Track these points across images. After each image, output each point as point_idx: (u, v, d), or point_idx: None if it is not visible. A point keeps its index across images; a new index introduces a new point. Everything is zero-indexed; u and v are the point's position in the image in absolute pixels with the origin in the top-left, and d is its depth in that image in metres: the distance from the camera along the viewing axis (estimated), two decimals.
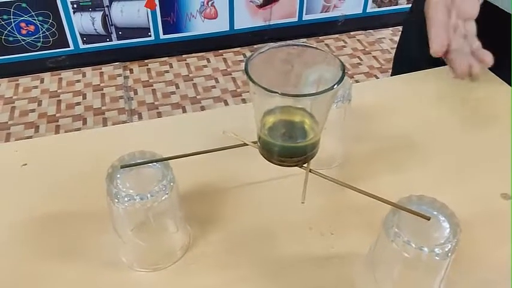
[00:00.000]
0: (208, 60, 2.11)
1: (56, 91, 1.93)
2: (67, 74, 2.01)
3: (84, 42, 2.00)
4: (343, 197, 0.51)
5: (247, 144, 0.42)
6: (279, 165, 0.40)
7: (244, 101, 1.88)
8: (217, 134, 0.50)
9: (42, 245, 0.47)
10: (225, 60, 2.11)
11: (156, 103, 1.87)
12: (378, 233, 0.39)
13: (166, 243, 0.45)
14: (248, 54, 2.11)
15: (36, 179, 0.54)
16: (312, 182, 0.43)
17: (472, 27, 0.56)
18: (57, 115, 1.81)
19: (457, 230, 0.36)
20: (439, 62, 0.64)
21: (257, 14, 2.13)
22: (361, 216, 0.49)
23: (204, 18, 2.07)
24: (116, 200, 0.39)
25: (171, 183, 0.40)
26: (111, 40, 2.02)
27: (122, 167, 0.40)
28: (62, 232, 0.48)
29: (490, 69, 0.63)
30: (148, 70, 2.05)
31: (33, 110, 1.83)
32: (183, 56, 2.12)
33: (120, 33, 2.02)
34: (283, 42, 0.37)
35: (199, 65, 2.09)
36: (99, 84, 1.97)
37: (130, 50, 2.06)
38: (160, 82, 1.99)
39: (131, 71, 2.05)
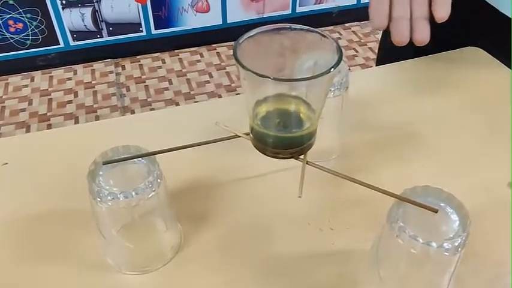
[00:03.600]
0: (201, 55, 2.08)
1: (47, 89, 1.89)
2: (58, 72, 1.98)
3: (74, 39, 1.96)
4: (342, 190, 0.48)
5: (240, 136, 0.39)
6: (274, 157, 0.38)
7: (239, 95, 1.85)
8: (208, 126, 0.47)
9: (24, 247, 0.44)
10: (218, 54, 2.08)
11: (149, 99, 1.84)
12: (381, 227, 0.37)
13: (156, 244, 0.42)
14: None
15: (17, 178, 0.51)
16: (310, 175, 0.40)
17: None
18: (49, 114, 1.78)
19: (466, 223, 0.34)
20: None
21: (250, 6, 2.09)
22: (362, 211, 0.47)
23: (196, 12, 2.04)
24: (99, 199, 0.36)
25: (158, 180, 0.38)
26: (102, 36, 1.99)
27: (104, 163, 0.37)
28: (45, 233, 0.45)
29: None
30: (141, 66, 2.01)
31: (23, 110, 1.80)
32: (176, 51, 2.09)
33: (111, 29, 1.98)
34: (274, 25, 0.35)
35: (192, 60, 2.05)
36: (90, 82, 1.93)
37: (121, 46, 2.03)
38: (153, 78, 1.95)
39: (123, 67, 2.01)
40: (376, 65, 0.87)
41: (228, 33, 2.11)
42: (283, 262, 0.43)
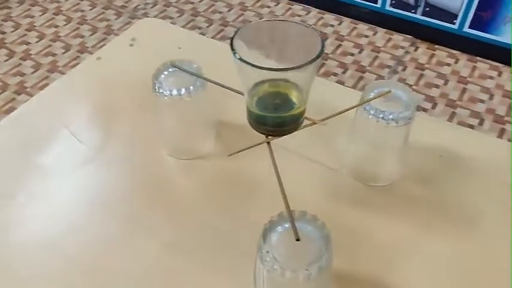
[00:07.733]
0: (499, 74, 1.89)
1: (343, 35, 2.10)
2: (362, 27, 2.14)
3: (391, 5, 2.07)
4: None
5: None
6: (255, 130, 0.45)
7: None
8: None
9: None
10: None
11: (414, 87, 1.84)
12: None
13: (194, 140, 0.59)
14: None
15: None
16: None
17: None
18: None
19: (323, 250, 0.36)
20: None
21: None
22: None
23: None
24: (158, 93, 0.53)
25: (201, 88, 0.53)
26: (415, 12, 2.03)
27: (172, 64, 0.53)
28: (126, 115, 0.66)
29: None
30: (432, 55, 1.98)
31: None
32: (477, 57, 1.95)
33: (427, 9, 1.99)
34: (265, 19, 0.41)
35: (486, 74, 1.89)
36: (380, 47, 2.03)
37: (427, 29, 2.02)
38: (434, 71, 1.91)
39: (416, 48, 2.02)
40: None
41: None
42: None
